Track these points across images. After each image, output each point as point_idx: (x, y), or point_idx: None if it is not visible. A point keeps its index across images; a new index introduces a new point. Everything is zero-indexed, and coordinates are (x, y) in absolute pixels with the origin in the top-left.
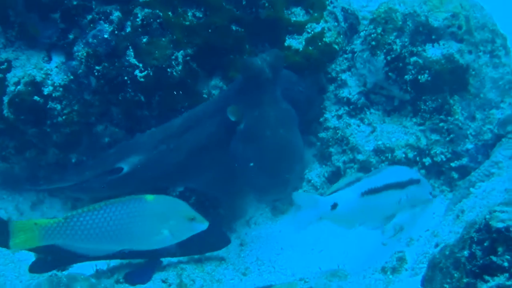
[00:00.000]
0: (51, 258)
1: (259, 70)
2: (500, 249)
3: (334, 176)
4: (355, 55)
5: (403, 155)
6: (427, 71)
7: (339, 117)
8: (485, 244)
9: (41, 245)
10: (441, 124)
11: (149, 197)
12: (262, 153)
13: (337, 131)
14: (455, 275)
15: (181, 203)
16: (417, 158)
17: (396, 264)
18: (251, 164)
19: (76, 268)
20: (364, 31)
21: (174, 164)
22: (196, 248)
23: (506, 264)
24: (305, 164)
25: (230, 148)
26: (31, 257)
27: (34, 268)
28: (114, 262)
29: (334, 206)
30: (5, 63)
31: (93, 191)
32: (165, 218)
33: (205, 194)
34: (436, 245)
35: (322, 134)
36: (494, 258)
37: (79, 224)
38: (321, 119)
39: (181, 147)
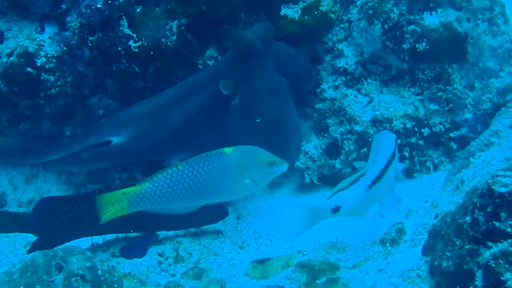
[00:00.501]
0: (49, 237)
1: (250, 43)
2: (503, 214)
3: (332, 148)
4: (352, 24)
5: (401, 126)
6: (425, 40)
7: (336, 87)
8: (488, 209)
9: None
10: (439, 94)
11: (228, 150)
12: (257, 128)
13: (334, 102)
14: (457, 242)
15: (259, 151)
16: (416, 129)
17: (395, 236)
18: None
19: (72, 242)
20: (360, 0)
21: (165, 135)
22: (194, 221)
23: (509, 229)
24: (301, 136)
25: (227, 124)
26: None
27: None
28: (110, 236)
29: (336, 209)
30: None
31: (83, 164)
32: (246, 167)
33: None
34: (436, 216)
35: (319, 105)
36: (497, 224)
37: (166, 187)
38: (318, 90)
39: (171, 118)
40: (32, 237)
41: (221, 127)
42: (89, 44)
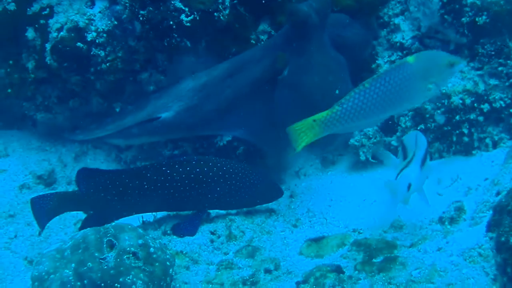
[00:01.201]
0: (98, 215)
1: (306, 16)
2: None
3: (388, 125)
4: None
5: (460, 101)
6: (485, 13)
7: (392, 63)
8: None
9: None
10: (500, 68)
11: (410, 59)
12: (310, 101)
13: None
14: None
15: (437, 54)
16: (475, 104)
17: (454, 214)
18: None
19: (123, 220)
20: None
21: (216, 109)
22: (249, 200)
23: None
24: None
25: (275, 95)
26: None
27: (86, 226)
28: (161, 214)
29: (409, 186)
30: (47, 9)
31: (132, 138)
32: (429, 73)
33: (253, 144)
34: (498, 193)
35: None
36: None
37: (355, 107)
38: (373, 66)
39: (224, 91)
40: (82, 215)
41: (273, 102)
42: (140, 18)
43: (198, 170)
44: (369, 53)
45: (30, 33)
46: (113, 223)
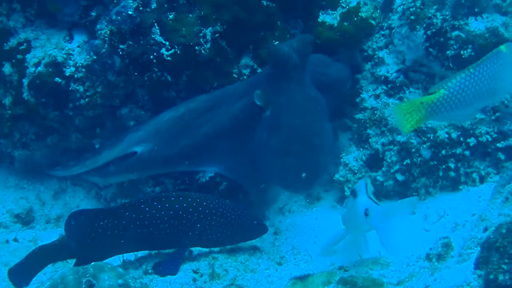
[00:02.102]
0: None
1: (287, 56)
2: None
3: (373, 160)
4: (393, 31)
5: (446, 136)
6: (470, 46)
7: (377, 96)
8: None
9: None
10: None
11: (503, 48)
12: (288, 143)
13: (375, 111)
14: None
15: None
16: (461, 138)
17: (441, 251)
18: (276, 155)
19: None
20: (401, 6)
21: (193, 143)
22: (232, 237)
23: None
24: (333, 155)
25: (255, 136)
26: None
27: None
28: (142, 253)
29: (366, 212)
30: (24, 43)
31: (110, 176)
32: None
33: (235, 180)
34: (485, 229)
35: (358, 115)
36: None
37: (461, 92)
38: (358, 100)
39: (202, 125)
40: None
41: (251, 140)
42: (120, 53)
43: (177, 206)
44: (349, 86)
45: (7, 69)
46: (93, 263)
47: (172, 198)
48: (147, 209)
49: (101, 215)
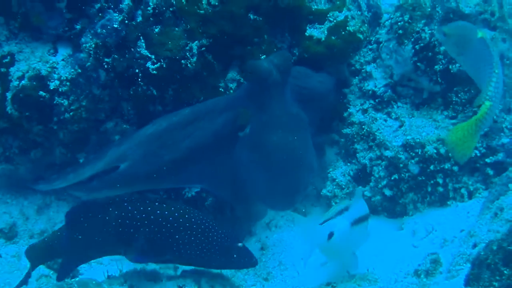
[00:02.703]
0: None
1: (267, 73)
2: None
3: (360, 175)
4: (381, 45)
5: (435, 151)
6: None
7: (365, 111)
8: None
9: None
10: None
11: (480, 34)
12: (269, 161)
13: (363, 126)
14: (505, 271)
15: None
16: (450, 154)
17: (430, 267)
18: (257, 173)
19: (88, 274)
20: (389, 20)
21: (174, 159)
22: (211, 260)
23: None
24: (315, 172)
25: (234, 154)
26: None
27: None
28: (127, 268)
29: (331, 235)
30: (8, 57)
31: (93, 192)
32: None
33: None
34: (475, 245)
35: (346, 130)
36: None
37: (498, 94)
38: (345, 114)
39: (183, 140)
40: (44, 270)
41: (230, 157)
42: (105, 66)
43: (158, 212)
44: (334, 98)
45: None
46: (77, 279)
47: (157, 203)
48: (129, 208)
49: (92, 208)
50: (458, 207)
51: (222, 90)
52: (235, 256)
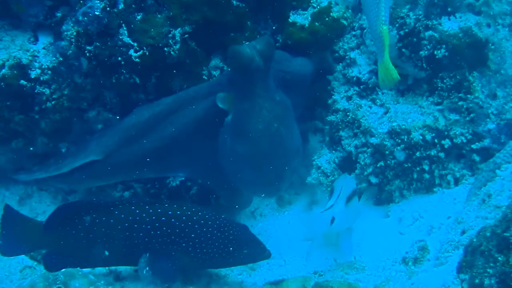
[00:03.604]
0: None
1: (249, 59)
2: None
3: (346, 162)
4: (364, 31)
5: (420, 137)
6: (444, 46)
7: (349, 98)
8: None
9: None
10: (460, 103)
11: None
12: (254, 149)
13: (347, 113)
14: (499, 258)
15: None
16: (435, 140)
17: (417, 254)
18: (241, 160)
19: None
20: None
21: (157, 148)
22: (229, 257)
23: None
24: (301, 158)
25: (218, 141)
26: (22, 256)
27: (48, 264)
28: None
29: (332, 220)
30: None
31: (74, 183)
32: None
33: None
34: (463, 232)
35: (331, 117)
36: None
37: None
38: (330, 101)
39: (166, 129)
40: (28, 261)
41: (214, 144)
42: (87, 54)
43: (170, 212)
44: (311, 81)
45: None
46: (63, 270)
47: (166, 205)
48: (137, 211)
49: (90, 208)
50: (444, 194)
51: (206, 77)
52: (246, 250)
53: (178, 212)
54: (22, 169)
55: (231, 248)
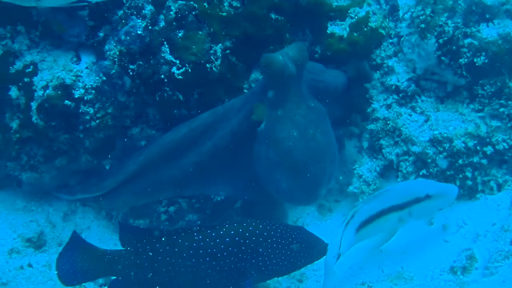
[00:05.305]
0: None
1: (282, 66)
2: None
3: (387, 171)
4: (402, 39)
5: (463, 145)
6: (483, 53)
7: (388, 106)
8: None
9: None
10: (501, 110)
11: None
12: (289, 156)
13: (388, 121)
14: None
15: None
16: (478, 147)
17: (466, 263)
18: (278, 169)
19: None
20: (409, 13)
21: (196, 163)
22: (296, 260)
23: None
24: (338, 164)
25: (253, 151)
26: None
27: None
28: None
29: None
30: (31, 66)
31: (114, 202)
32: None
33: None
34: None
35: (371, 126)
36: None
37: None
38: (369, 110)
39: (204, 144)
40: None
41: (250, 155)
42: (130, 73)
43: (237, 231)
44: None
45: (14, 92)
46: None
47: (226, 225)
48: (200, 237)
49: (151, 236)
50: (488, 200)
51: (246, 91)
52: (310, 249)
53: (241, 230)
54: (65, 186)
55: (296, 252)
